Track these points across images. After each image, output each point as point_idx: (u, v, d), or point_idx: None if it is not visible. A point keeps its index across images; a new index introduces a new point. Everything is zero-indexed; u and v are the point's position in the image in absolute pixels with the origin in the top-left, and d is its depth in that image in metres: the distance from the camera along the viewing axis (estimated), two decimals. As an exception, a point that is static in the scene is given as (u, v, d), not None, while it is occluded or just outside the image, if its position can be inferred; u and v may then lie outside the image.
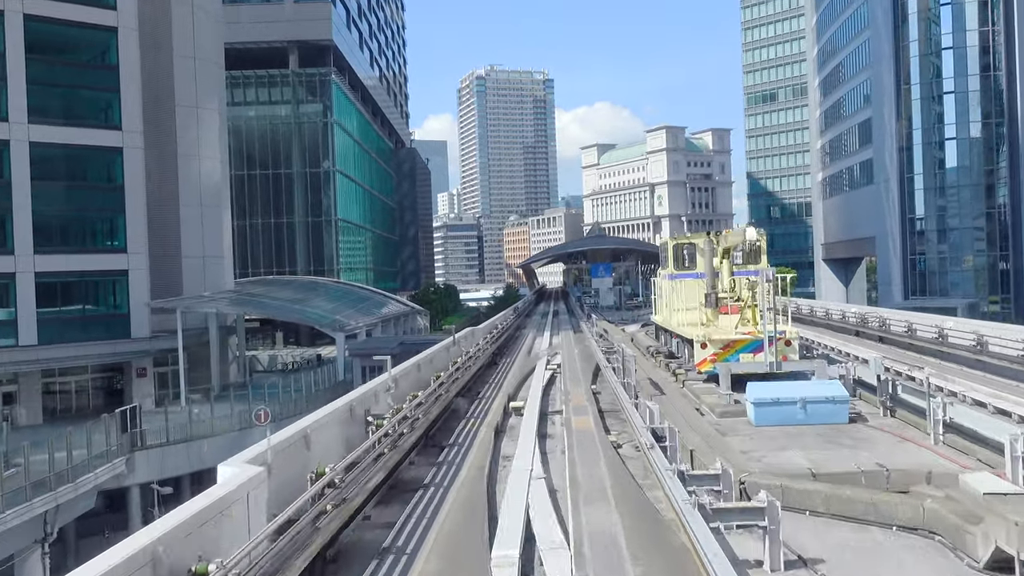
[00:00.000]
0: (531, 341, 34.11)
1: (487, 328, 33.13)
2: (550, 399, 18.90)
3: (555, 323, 48.66)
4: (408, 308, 76.90)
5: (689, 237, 21.38)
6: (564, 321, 51.68)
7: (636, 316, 46.43)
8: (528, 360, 25.45)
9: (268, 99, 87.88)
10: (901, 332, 25.32)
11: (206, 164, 56.82)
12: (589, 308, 61.62)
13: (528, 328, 43.53)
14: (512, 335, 36.21)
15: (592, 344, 24.78)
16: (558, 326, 44.56)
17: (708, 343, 16.92)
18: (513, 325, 39.56)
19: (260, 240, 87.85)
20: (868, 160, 76.05)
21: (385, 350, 48.98)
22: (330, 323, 52.11)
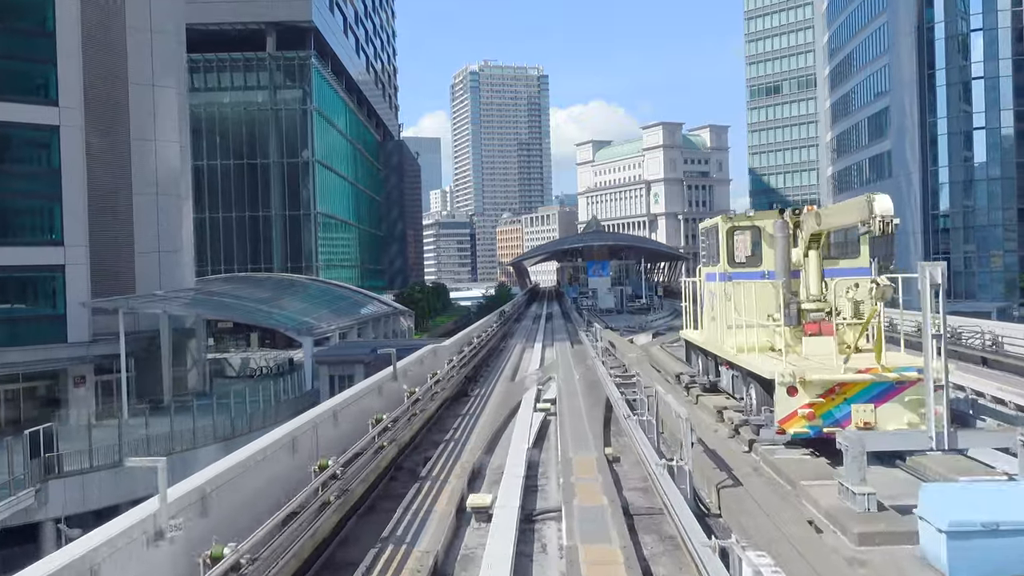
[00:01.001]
0: (517, 357, 27.95)
1: (460, 341, 25.39)
2: (540, 474, 12.17)
3: (548, 330, 42.52)
4: (390, 309, 71.46)
5: (751, 217, 14.80)
6: (558, 327, 45.44)
7: (645, 323, 40.58)
8: (511, 389, 19.03)
9: (243, 84, 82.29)
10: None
11: (163, 148, 51.23)
12: (587, 311, 56.22)
13: (515, 337, 37.48)
14: (495, 347, 30.07)
15: (597, 366, 18.29)
16: (552, 335, 38.74)
17: (801, 386, 10.15)
18: (497, 335, 32.73)
19: (234, 235, 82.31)
20: (884, 153, 71.03)
21: (356, 357, 43.59)
22: (296, 326, 46.67)
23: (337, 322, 53.41)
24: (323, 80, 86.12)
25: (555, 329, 43.38)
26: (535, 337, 36.42)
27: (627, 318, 53.64)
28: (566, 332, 40.29)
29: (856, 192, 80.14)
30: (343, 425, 12.47)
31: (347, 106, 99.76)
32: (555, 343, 32.14)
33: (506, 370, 23.74)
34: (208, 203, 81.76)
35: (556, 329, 43.51)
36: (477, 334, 27.09)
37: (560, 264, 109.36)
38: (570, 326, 46.68)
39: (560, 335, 37.91)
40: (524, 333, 40.72)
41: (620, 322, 47.14)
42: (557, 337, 36.12)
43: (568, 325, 47.03)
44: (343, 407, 12.89)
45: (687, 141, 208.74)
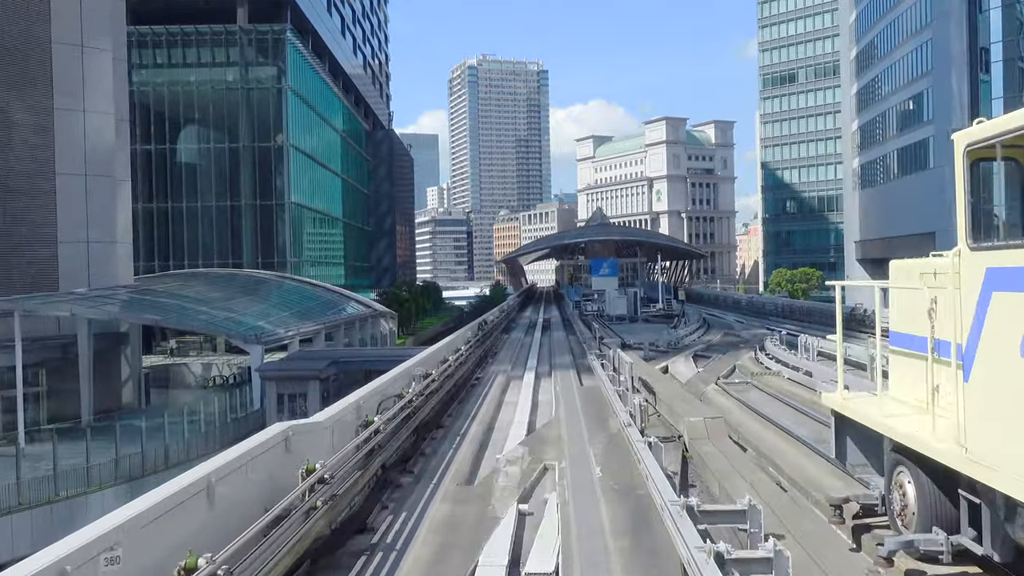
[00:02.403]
0: (494, 402, 18.20)
1: (401, 375, 14.72)
2: None
3: (544, 348, 33.70)
4: (369, 310, 63.71)
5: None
6: (558, 343, 35.79)
7: (674, 339, 32.29)
8: (460, 520, 8.87)
9: (211, 60, 74.51)
10: None
11: (95, 121, 43.55)
12: (593, 319, 47.43)
13: (499, 359, 28.26)
14: (464, 380, 20.55)
15: (638, 449, 8.51)
16: (549, 356, 29.79)
17: None
18: (472, 358, 23.52)
19: (199, 226, 74.58)
20: (922, 141, 63.46)
21: (308, 372, 35.92)
22: (244, 332, 38.94)
23: (300, 327, 45.73)
24: (300, 58, 78.34)
25: (554, 347, 34.06)
26: (525, 360, 27.08)
27: (647, 329, 42.73)
28: (569, 352, 30.99)
29: (885, 187, 72.50)
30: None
31: (330, 89, 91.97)
32: (554, 371, 23.10)
33: (466, 442, 13.45)
34: (170, 191, 74.17)
35: (555, 346, 34.17)
36: (440, 359, 18.53)
37: (560, 262, 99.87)
38: (572, 338, 37.77)
39: (561, 357, 28.66)
40: (512, 352, 31.49)
41: (639, 335, 37.23)
42: (557, 361, 26.73)
43: (571, 338, 38.16)
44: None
45: (691, 137, 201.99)
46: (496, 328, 36.91)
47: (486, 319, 35.04)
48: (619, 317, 49.25)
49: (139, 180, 73.62)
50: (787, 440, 11.81)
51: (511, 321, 50.34)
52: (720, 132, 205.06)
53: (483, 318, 35.08)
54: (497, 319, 40.50)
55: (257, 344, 38.12)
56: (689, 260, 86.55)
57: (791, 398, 15.97)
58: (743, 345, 27.32)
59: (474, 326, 30.60)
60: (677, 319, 38.33)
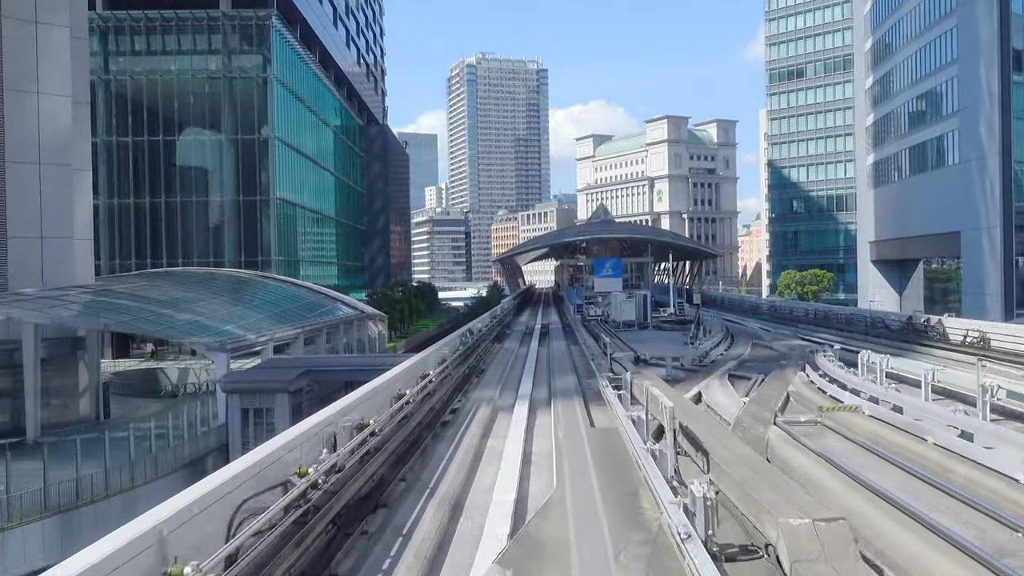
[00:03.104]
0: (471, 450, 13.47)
1: (312, 439, 10.25)
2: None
3: (542, 362, 28.25)
4: (356, 313, 59.81)
5: None
6: (559, 357, 30.33)
7: (700, 354, 26.38)
8: None
9: (192, 47, 70.57)
10: None
11: (50, 104, 39.70)
12: (598, 326, 41.84)
13: (484, 383, 22.68)
14: (431, 419, 15.70)
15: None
16: (549, 375, 24.52)
17: None
18: (447, 384, 18.68)
19: (179, 223, 70.61)
20: (944, 136, 59.62)
21: (274, 384, 32.01)
22: (206, 337, 34.99)
23: (275, 331, 41.81)
24: (287, 46, 74.43)
25: (554, 362, 28.59)
26: (518, 381, 22.18)
27: (659, 338, 37.39)
28: (572, 369, 25.51)
29: (902, 184, 68.65)
30: None
31: (320, 81, 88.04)
32: (555, 400, 17.92)
33: (407, 553, 8.65)
34: (148, 186, 70.25)
35: (556, 361, 28.65)
36: (392, 394, 14.04)
37: (559, 262, 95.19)
38: (575, 349, 32.75)
39: (562, 378, 23.15)
40: (502, 368, 26.22)
41: (652, 345, 31.70)
42: (558, 384, 21.45)
43: (572, 348, 33.06)
44: None
45: (693, 136, 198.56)
46: (486, 337, 32.51)
47: (472, 328, 30.34)
48: (627, 323, 43.81)
49: (116, 174, 69.94)
50: (954, 557, 7.18)
51: (505, 327, 45.65)
52: (722, 131, 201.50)
53: (468, 327, 30.25)
54: (488, 326, 36.06)
55: (221, 351, 34.18)
56: (698, 261, 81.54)
57: (900, 455, 11.35)
58: (784, 362, 22.86)
59: (454, 340, 25.73)
60: (695, 327, 33.70)
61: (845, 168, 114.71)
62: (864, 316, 40.42)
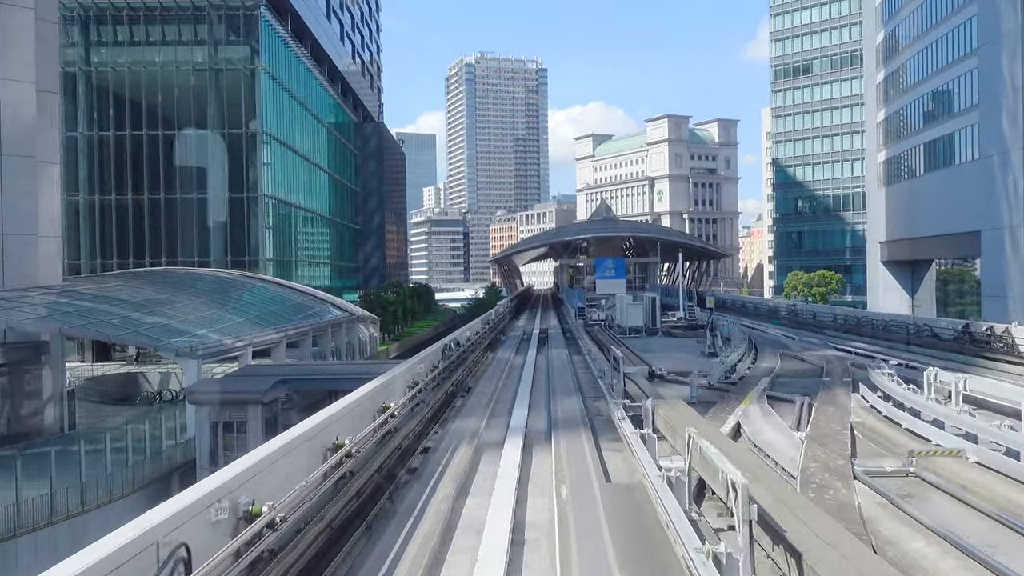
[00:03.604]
0: (440, 519, 9.74)
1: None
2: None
3: (539, 378, 24.34)
4: (346, 315, 57.05)
5: None
6: (560, 371, 26.42)
7: (726, 368, 22.82)
8: None
9: (177, 38, 67.80)
10: None
11: (12, 91, 36.96)
12: (603, 332, 39.51)
13: (467, 409, 18.85)
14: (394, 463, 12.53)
15: None
16: (548, 395, 20.62)
17: None
18: (418, 416, 15.39)
19: (163, 221, 67.82)
20: (963, 130, 56.92)
21: (247, 394, 29.16)
22: (174, 343, 32.19)
23: (255, 335, 39.03)
24: (277, 37, 71.68)
25: (554, 377, 24.56)
26: (511, 404, 18.17)
27: (671, 346, 33.63)
28: (575, 388, 21.65)
29: (916, 182, 65.96)
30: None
31: (312, 75, 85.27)
32: (556, 434, 14.43)
33: None
34: (131, 182, 67.51)
35: (556, 377, 24.63)
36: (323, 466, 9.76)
37: (558, 262, 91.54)
38: (578, 359, 29.11)
39: (564, 400, 19.26)
40: (492, 386, 22.33)
41: (664, 355, 28.28)
42: (560, 409, 17.77)
43: (574, 359, 29.46)
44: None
45: (694, 136, 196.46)
46: (477, 346, 28.99)
47: (458, 339, 26.09)
48: (633, 329, 39.57)
49: (98, 170, 67.23)
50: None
51: (500, 332, 42.16)
52: (723, 131, 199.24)
53: (453, 337, 25.89)
54: (480, 333, 32.05)
55: (191, 358, 31.40)
56: (705, 262, 78.14)
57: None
58: (828, 379, 19.74)
59: (433, 355, 21.51)
60: (709, 334, 30.49)
61: (852, 167, 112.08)
62: (905, 323, 35.90)
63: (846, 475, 10.37)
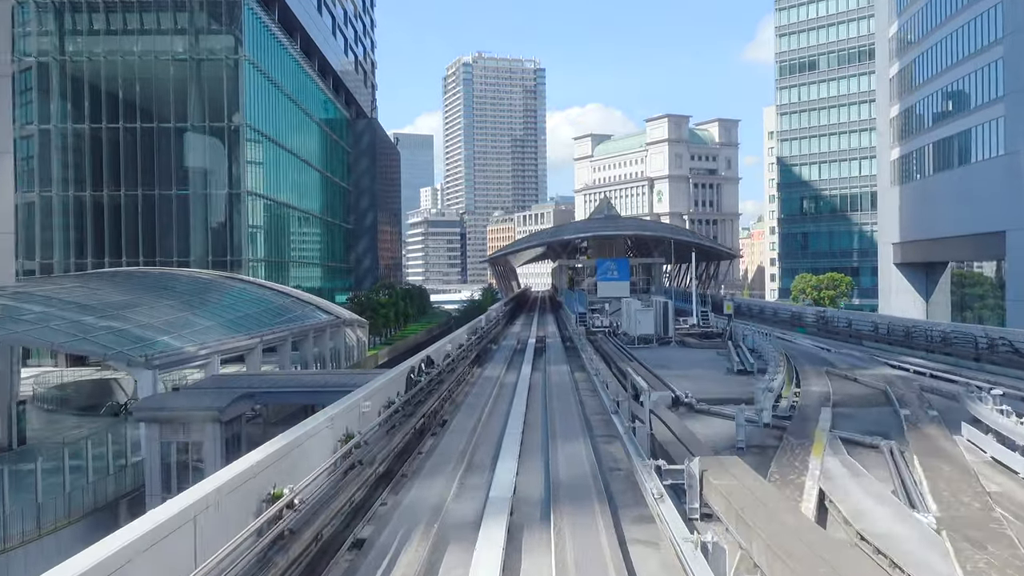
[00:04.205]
0: None
1: None
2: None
3: (534, 407, 19.96)
4: (331, 318, 53.70)
5: None
6: (561, 395, 21.90)
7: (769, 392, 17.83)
8: None
9: (156, 27, 64.45)
10: None
11: (-44, 73, 33.59)
12: (604, 339, 35.58)
13: (438, 452, 15.19)
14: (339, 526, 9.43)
15: None
16: (545, 434, 16.08)
17: None
18: (357, 486, 10.77)
19: (138, 218, 64.44)
20: (986, 124, 53.77)
21: (201, 411, 25.72)
22: (128, 352, 28.80)
23: (224, 341, 35.66)
24: (262, 26, 68.33)
25: (553, 407, 19.74)
26: (494, 458, 13.85)
27: (692, 361, 28.34)
28: (582, 429, 16.48)
29: (933, 180, 62.71)
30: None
31: (300, 67, 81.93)
32: (558, 512, 10.09)
33: None
34: (106, 178, 64.16)
35: (556, 406, 19.76)
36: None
37: (557, 263, 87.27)
38: (581, 377, 24.99)
39: (568, 445, 14.79)
40: (472, 419, 18.12)
41: (685, 373, 23.83)
42: (563, 464, 13.35)
43: (576, 375, 25.38)
44: None
45: (694, 136, 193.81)
46: (459, 364, 24.41)
47: (430, 358, 21.36)
48: (643, 338, 34.55)
49: (72, 165, 63.94)
50: None
51: (491, 341, 37.90)
52: (724, 131, 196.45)
53: (423, 357, 20.92)
54: (464, 346, 27.56)
55: (145, 368, 28.03)
56: (713, 263, 74.04)
57: None
58: (908, 413, 15.48)
59: (385, 388, 16.60)
60: (731, 344, 26.78)
61: (860, 165, 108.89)
62: (972, 335, 30.25)
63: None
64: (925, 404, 16.34)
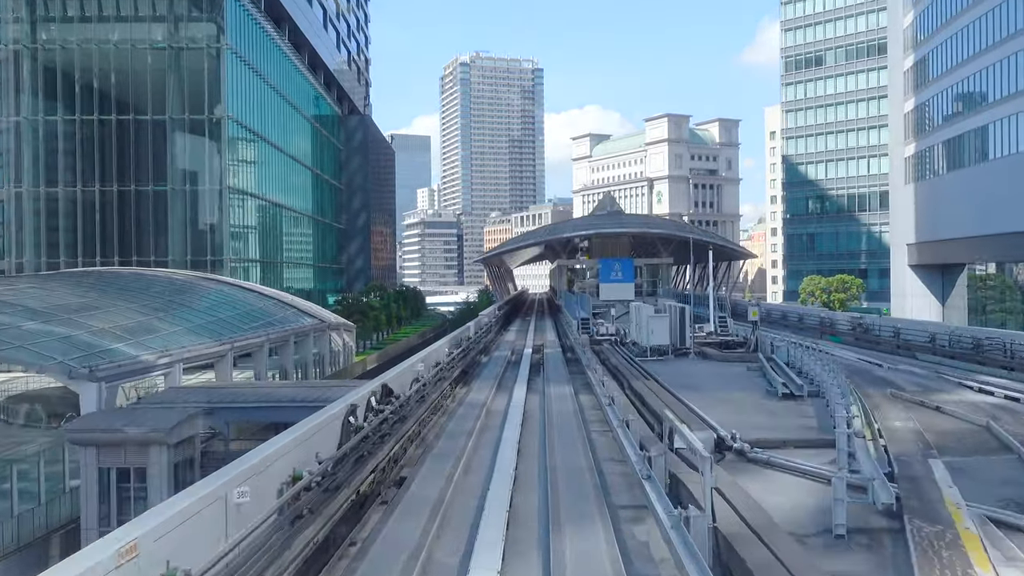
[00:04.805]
0: None
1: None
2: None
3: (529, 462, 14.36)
4: (316, 322, 50.33)
5: None
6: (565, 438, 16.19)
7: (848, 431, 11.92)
8: None
9: (134, 14, 61.13)
10: None
11: None
12: (612, 350, 31.31)
13: (385, 538, 10.24)
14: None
15: None
16: (550, 535, 9.94)
17: None
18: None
19: (114, 216, 61.11)
20: (1015, 116, 50.54)
21: (150, 431, 22.18)
22: (68, 362, 25.44)
23: (189, 348, 32.27)
24: (246, 14, 65.02)
25: (555, 447, 15.38)
26: (472, 546, 8.90)
27: (719, 378, 24.02)
28: (596, 492, 11.94)
29: (950, 178, 59.46)
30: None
31: (288, 59, 78.60)
32: None
33: None
34: (81, 173, 60.85)
35: (557, 447, 15.33)
36: None
37: (555, 263, 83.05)
38: (586, 400, 21.15)
39: (579, 540, 9.68)
40: (442, 479, 13.13)
41: (725, 400, 19.00)
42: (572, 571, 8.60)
43: (581, 400, 21.29)
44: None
45: (694, 136, 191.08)
46: (434, 387, 20.05)
47: (387, 387, 16.25)
48: (657, 350, 30.06)
49: (44, 159, 60.63)
50: None
51: (481, 352, 33.69)
52: (724, 131, 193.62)
53: (373, 388, 15.56)
54: (442, 366, 22.88)
55: (89, 380, 24.68)
56: (725, 264, 69.88)
57: None
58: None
59: (306, 442, 11.12)
60: (762, 356, 22.92)
61: (868, 164, 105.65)
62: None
63: None
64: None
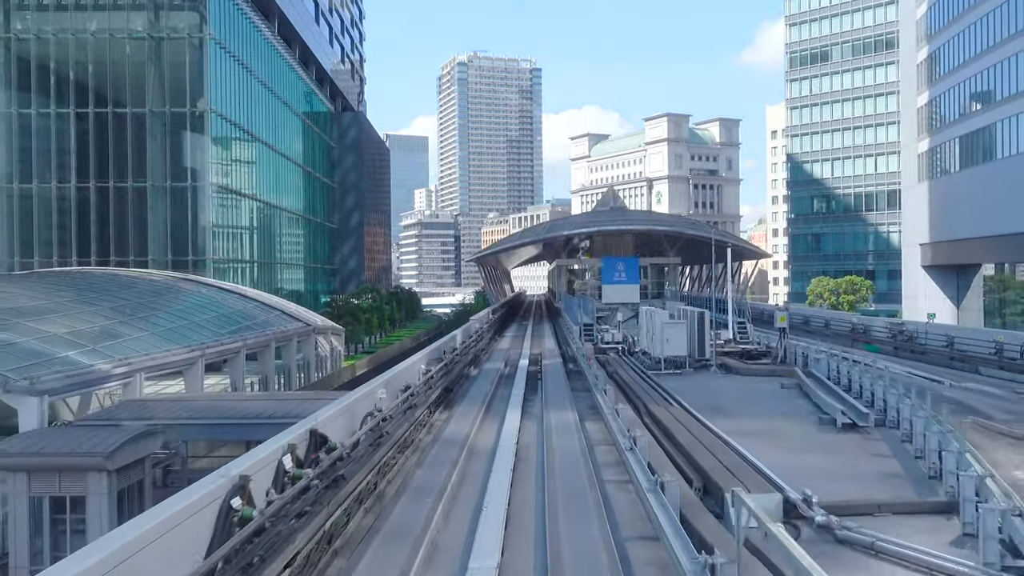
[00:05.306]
0: None
1: None
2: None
3: (522, 542, 10.10)
4: (301, 325, 47.50)
5: None
6: (574, 500, 11.83)
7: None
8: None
9: (112, 2, 58.28)
10: None
11: None
12: (620, 363, 28.55)
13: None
14: None
15: None
16: None
17: None
18: None
19: (91, 214, 58.24)
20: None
21: (87, 454, 18.59)
22: (5, 372, 22.59)
23: (153, 355, 29.44)
24: (230, 2, 62.16)
25: (557, 514, 11.15)
26: None
27: (761, 400, 21.02)
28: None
29: (969, 174, 56.80)
30: None
31: (277, 51, 75.79)
32: None
33: None
34: (57, 168, 58.00)
35: (561, 515, 11.12)
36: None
37: (554, 264, 79.31)
38: (594, 428, 17.53)
39: None
40: (405, 547, 9.66)
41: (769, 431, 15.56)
42: None
43: (588, 429, 17.57)
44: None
45: (694, 135, 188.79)
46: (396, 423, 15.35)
47: (323, 436, 12.16)
48: (672, 361, 26.49)
49: (17, 154, 57.79)
50: None
51: (470, 363, 30.31)
52: (725, 131, 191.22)
53: (298, 436, 11.63)
54: (415, 391, 18.80)
55: (29, 395, 21.85)
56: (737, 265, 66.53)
57: None
58: None
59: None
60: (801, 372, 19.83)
61: (875, 162, 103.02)
62: None
63: None
64: None
